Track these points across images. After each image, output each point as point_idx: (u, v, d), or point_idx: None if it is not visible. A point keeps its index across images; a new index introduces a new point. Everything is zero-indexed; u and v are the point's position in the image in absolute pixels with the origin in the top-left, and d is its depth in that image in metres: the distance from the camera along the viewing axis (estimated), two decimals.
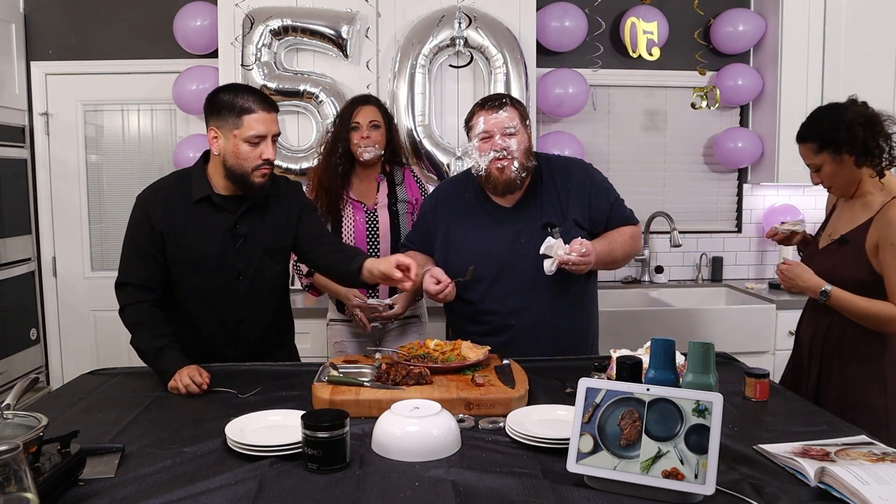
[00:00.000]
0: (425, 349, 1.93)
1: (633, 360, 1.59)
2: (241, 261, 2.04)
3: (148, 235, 1.99)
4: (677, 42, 3.67)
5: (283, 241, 2.11)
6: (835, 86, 3.51)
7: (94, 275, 3.71)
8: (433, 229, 2.25)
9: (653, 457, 1.23)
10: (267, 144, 1.96)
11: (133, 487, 1.27)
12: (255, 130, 1.93)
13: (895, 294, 1.90)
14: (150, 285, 2.00)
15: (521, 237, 2.12)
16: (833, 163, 2.01)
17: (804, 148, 2.05)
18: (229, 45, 3.27)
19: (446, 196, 2.28)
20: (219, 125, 1.95)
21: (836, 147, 1.99)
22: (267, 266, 2.09)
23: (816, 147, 2.01)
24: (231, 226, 2.02)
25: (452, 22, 3.22)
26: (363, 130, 2.46)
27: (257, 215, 2.06)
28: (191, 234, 2.00)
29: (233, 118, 1.93)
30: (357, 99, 2.56)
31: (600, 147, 3.79)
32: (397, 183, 2.57)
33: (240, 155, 1.94)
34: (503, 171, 2.08)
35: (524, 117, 2.14)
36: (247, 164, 1.95)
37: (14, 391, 1.38)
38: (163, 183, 2.09)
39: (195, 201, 2.00)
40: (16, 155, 3.48)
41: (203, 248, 2.00)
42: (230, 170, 1.97)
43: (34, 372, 3.54)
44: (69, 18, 3.58)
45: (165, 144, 3.68)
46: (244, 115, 1.92)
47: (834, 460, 1.31)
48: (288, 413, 1.58)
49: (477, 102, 2.17)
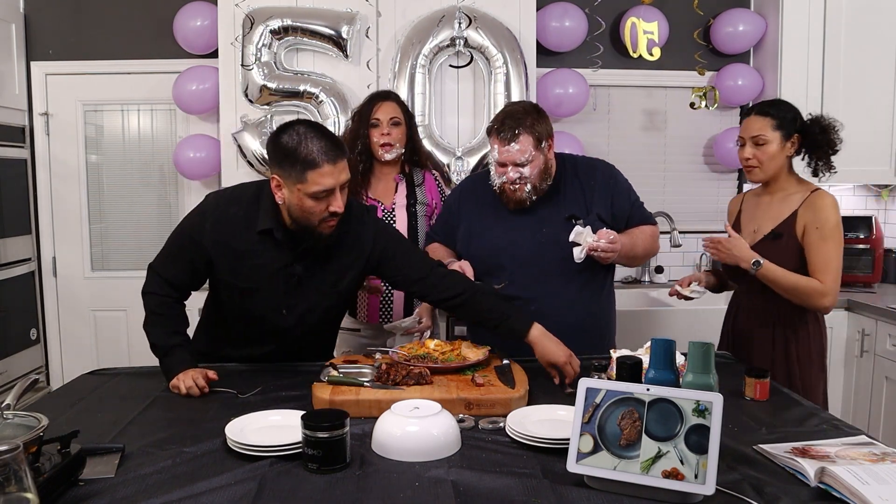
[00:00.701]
0: (425, 349, 1.93)
1: (633, 360, 1.59)
2: (291, 298, 1.93)
3: (195, 247, 1.91)
4: (677, 42, 3.67)
5: (338, 286, 1.97)
6: (835, 86, 3.52)
7: (94, 275, 3.71)
8: (456, 221, 2.29)
9: (653, 457, 1.23)
10: (336, 197, 1.77)
11: (133, 487, 1.27)
12: (321, 186, 1.73)
13: (817, 272, 2.07)
14: (179, 285, 1.98)
15: (544, 227, 2.16)
16: (779, 145, 2.15)
17: (760, 121, 2.16)
18: (229, 45, 3.27)
19: (471, 189, 2.32)
20: (282, 174, 1.77)
21: (789, 133, 2.15)
22: (319, 304, 1.97)
23: (774, 124, 2.14)
24: (288, 263, 1.89)
25: (452, 22, 3.22)
26: (383, 127, 2.40)
27: (320, 258, 1.92)
28: (243, 262, 1.89)
29: (295, 172, 1.73)
30: (377, 95, 2.49)
31: (600, 147, 3.78)
32: (417, 184, 2.52)
33: (305, 209, 1.77)
34: (515, 192, 2.13)
35: (540, 140, 2.08)
36: (313, 218, 1.79)
37: (14, 391, 1.37)
38: (232, 198, 1.94)
39: (258, 231, 1.87)
40: (16, 155, 3.48)
41: (251, 280, 1.90)
42: (296, 220, 1.82)
43: (34, 372, 3.54)
44: (69, 18, 3.58)
45: (165, 144, 3.69)
46: (308, 170, 1.72)
47: (834, 460, 1.31)
48: (288, 413, 1.57)
49: (495, 122, 2.12)
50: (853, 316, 3.35)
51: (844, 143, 3.49)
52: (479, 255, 2.20)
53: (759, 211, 2.25)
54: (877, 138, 3.55)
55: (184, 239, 1.95)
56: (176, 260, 1.96)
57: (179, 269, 1.96)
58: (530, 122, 2.07)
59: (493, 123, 2.13)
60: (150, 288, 1.97)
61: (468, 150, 3.32)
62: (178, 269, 1.96)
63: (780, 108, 2.18)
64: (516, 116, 2.08)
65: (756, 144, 2.16)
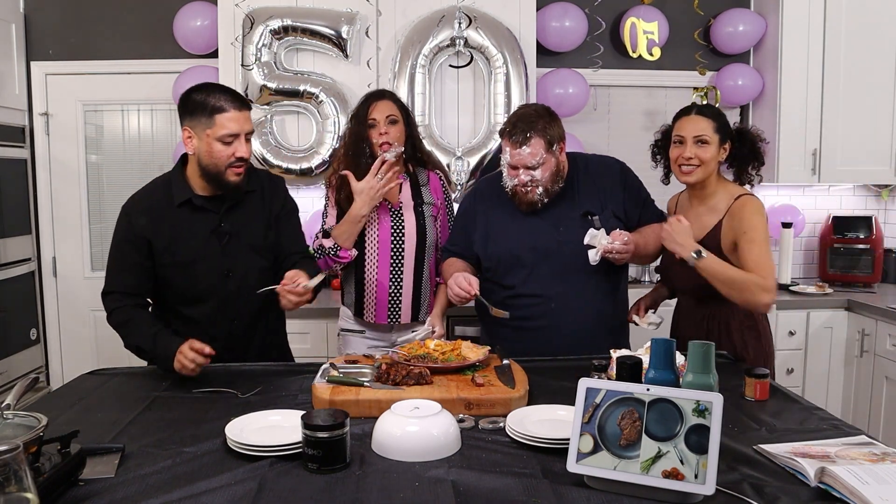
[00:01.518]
0: (425, 349, 1.93)
1: (633, 360, 1.59)
2: (229, 259, 2.06)
3: (133, 244, 2.01)
4: (677, 42, 3.67)
5: (268, 238, 2.13)
6: (835, 86, 3.52)
7: (94, 275, 3.71)
8: (473, 223, 2.29)
9: (653, 457, 1.23)
10: (240, 142, 1.97)
11: (133, 487, 1.27)
12: (227, 129, 1.95)
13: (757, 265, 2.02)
14: (136, 292, 2.03)
15: (560, 226, 2.18)
16: (717, 148, 2.14)
17: (703, 121, 2.14)
18: (229, 45, 3.27)
19: (486, 190, 2.33)
20: (192, 125, 1.97)
21: (724, 138, 2.16)
22: (254, 262, 2.11)
23: (715, 127, 2.14)
24: (216, 226, 2.04)
25: (452, 22, 3.22)
26: (381, 126, 2.38)
27: (240, 212, 2.08)
28: (176, 238, 2.02)
29: (205, 118, 1.95)
30: (371, 95, 2.46)
31: (600, 147, 3.78)
32: (422, 184, 2.50)
33: (213, 154, 1.96)
34: (527, 195, 2.14)
35: (551, 143, 2.10)
36: (220, 163, 1.97)
37: (14, 391, 1.37)
38: (145, 191, 2.10)
39: (177, 205, 2.02)
40: (16, 155, 3.48)
41: (189, 251, 2.02)
42: (205, 169, 1.99)
43: (34, 372, 3.54)
44: (69, 18, 3.58)
45: (165, 144, 3.69)
46: (216, 114, 1.94)
47: (834, 460, 1.31)
48: (288, 413, 1.57)
49: (507, 125, 2.14)
50: (853, 316, 3.35)
51: (845, 143, 3.55)
52: (497, 255, 2.22)
53: (689, 220, 2.17)
54: (877, 138, 3.55)
55: (120, 245, 2.04)
56: (122, 268, 2.02)
57: (129, 274, 2.02)
58: (542, 125, 2.09)
59: (506, 126, 2.13)
60: (110, 308, 2.03)
61: (468, 150, 3.32)
62: (125, 274, 2.02)
63: (717, 112, 2.18)
64: (528, 119, 2.09)
65: (697, 143, 2.12)
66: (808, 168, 3.57)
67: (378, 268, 2.43)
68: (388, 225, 2.42)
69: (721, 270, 2.03)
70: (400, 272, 2.43)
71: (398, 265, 2.42)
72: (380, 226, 2.42)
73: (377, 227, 2.42)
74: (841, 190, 3.94)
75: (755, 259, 2.02)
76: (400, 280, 2.43)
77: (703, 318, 2.20)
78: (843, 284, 3.69)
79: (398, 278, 2.43)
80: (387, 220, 2.43)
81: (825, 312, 3.39)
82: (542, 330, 2.17)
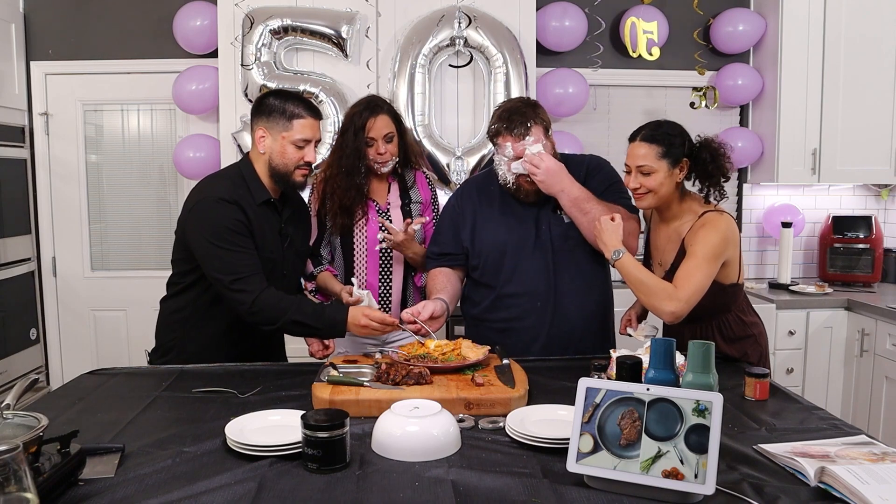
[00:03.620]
0: (425, 349, 1.93)
1: (633, 360, 1.59)
2: (287, 261, 2.18)
3: (247, 228, 2.02)
4: (677, 42, 3.67)
5: (306, 246, 2.31)
6: (835, 86, 3.52)
7: (94, 275, 3.71)
8: (461, 222, 2.29)
9: (653, 457, 1.23)
10: (311, 148, 2.09)
11: (133, 487, 1.27)
12: (302, 135, 2.06)
13: (680, 277, 1.95)
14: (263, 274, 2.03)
15: (543, 225, 2.20)
16: (666, 173, 2.01)
17: (645, 148, 2.02)
18: (229, 45, 3.27)
19: (472, 189, 2.34)
20: (268, 126, 2.07)
21: (677, 159, 2.01)
22: (299, 267, 2.29)
23: (660, 152, 2.00)
24: (280, 227, 2.16)
25: (452, 21, 3.22)
26: (379, 146, 2.34)
27: (294, 218, 2.22)
28: (260, 234, 2.08)
29: (283, 121, 2.05)
30: (368, 108, 2.36)
31: (600, 147, 3.78)
32: (409, 186, 2.49)
33: (286, 155, 2.06)
34: (532, 184, 2.15)
35: (547, 128, 2.17)
36: (290, 164, 2.07)
37: (14, 391, 1.37)
38: (228, 185, 2.06)
39: (259, 203, 2.08)
40: (16, 155, 3.48)
41: (269, 249, 2.10)
42: (274, 168, 2.08)
43: (34, 372, 3.54)
44: (69, 18, 3.58)
45: (165, 144, 3.69)
46: (294, 119, 2.05)
47: (834, 460, 1.31)
48: (288, 413, 1.57)
49: (502, 122, 2.14)
50: (853, 316, 3.35)
51: (844, 143, 3.55)
52: (483, 251, 2.23)
53: (660, 241, 2.15)
54: (877, 138, 3.55)
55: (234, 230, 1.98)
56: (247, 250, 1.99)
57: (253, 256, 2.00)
58: (535, 113, 2.14)
59: (501, 123, 2.14)
60: (251, 294, 1.94)
61: (468, 150, 3.32)
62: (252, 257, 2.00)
63: (666, 132, 2.03)
64: (521, 111, 2.13)
65: (642, 174, 2.03)
66: (808, 168, 3.57)
67: (367, 266, 2.43)
68: (375, 225, 2.42)
69: (634, 273, 2.00)
70: (389, 271, 2.44)
71: (387, 264, 2.44)
72: (368, 226, 2.42)
73: (366, 226, 2.42)
74: (841, 190, 3.94)
75: (684, 270, 1.96)
76: (389, 279, 2.44)
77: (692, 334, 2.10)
78: (842, 284, 3.70)
79: (387, 277, 2.44)
80: (375, 219, 2.42)
81: (825, 312, 3.39)
82: (527, 331, 2.17)
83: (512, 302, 2.20)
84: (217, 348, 2.12)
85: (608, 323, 2.31)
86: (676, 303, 1.93)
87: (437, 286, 2.24)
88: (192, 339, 2.13)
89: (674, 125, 2.06)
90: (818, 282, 3.72)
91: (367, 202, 2.41)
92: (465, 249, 2.27)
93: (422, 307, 2.05)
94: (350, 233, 2.41)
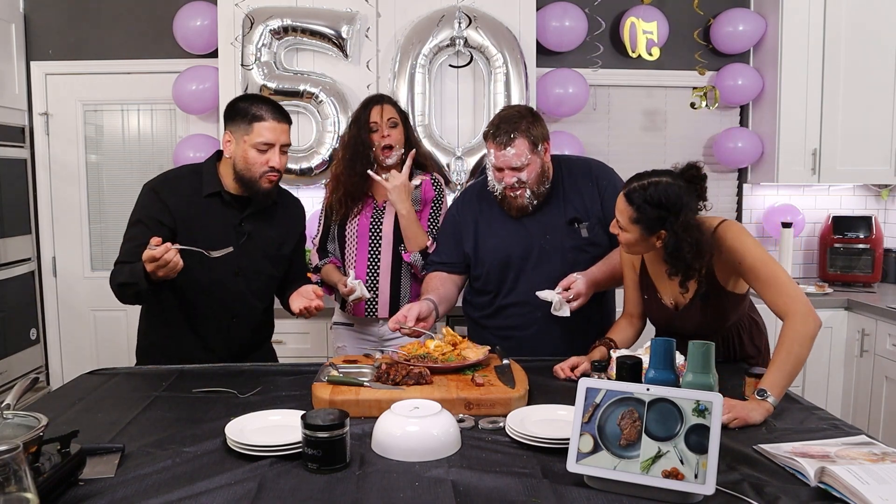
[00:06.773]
0: (425, 349, 1.93)
1: (632, 360, 1.59)
2: (243, 258, 2.10)
3: (157, 220, 2.03)
4: (677, 42, 3.67)
5: (282, 250, 2.22)
6: (835, 86, 3.52)
7: (94, 275, 3.71)
8: (462, 229, 2.28)
9: (653, 457, 1.23)
10: (274, 153, 2.05)
11: (133, 487, 1.27)
12: (263, 138, 2.03)
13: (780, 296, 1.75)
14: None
15: (547, 233, 2.17)
16: (640, 237, 1.82)
17: (623, 204, 1.80)
18: (229, 45, 3.27)
19: (472, 196, 2.32)
20: (232, 130, 2.07)
21: (651, 230, 1.80)
22: (264, 268, 2.19)
23: (634, 217, 1.79)
24: (237, 223, 2.11)
25: (452, 22, 3.22)
26: (382, 129, 2.39)
27: (262, 219, 2.16)
28: (199, 225, 2.06)
29: (244, 124, 2.04)
30: (370, 100, 2.47)
31: (600, 147, 3.79)
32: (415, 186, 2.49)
33: (248, 160, 2.04)
34: (516, 199, 2.15)
35: (535, 143, 2.09)
36: (254, 170, 2.05)
37: (14, 391, 1.37)
38: (173, 174, 2.18)
39: (206, 195, 2.08)
40: (16, 155, 3.48)
41: (209, 241, 2.03)
42: (239, 173, 2.07)
43: (34, 372, 3.54)
44: (69, 18, 3.58)
45: (165, 144, 3.69)
46: (255, 122, 2.03)
47: (834, 460, 1.31)
48: (288, 413, 1.58)
49: (490, 127, 2.12)
50: (853, 316, 3.35)
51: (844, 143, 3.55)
52: (485, 261, 2.22)
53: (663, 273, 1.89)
54: (877, 138, 3.55)
55: (144, 219, 2.05)
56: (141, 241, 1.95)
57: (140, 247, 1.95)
58: (525, 125, 2.08)
59: (489, 128, 2.13)
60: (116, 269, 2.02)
61: (468, 150, 3.32)
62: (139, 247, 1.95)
63: (646, 200, 1.76)
64: (511, 120, 2.08)
65: (619, 226, 1.85)
66: (808, 168, 3.57)
67: (356, 262, 2.47)
68: (367, 221, 2.46)
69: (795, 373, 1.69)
70: (377, 267, 2.46)
71: (375, 260, 2.46)
72: (359, 221, 2.47)
73: (357, 221, 2.47)
74: (841, 190, 3.94)
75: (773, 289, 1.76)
76: (377, 275, 2.46)
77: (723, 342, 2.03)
78: (842, 284, 3.70)
79: (375, 273, 2.46)
80: (367, 215, 2.47)
81: (825, 312, 3.39)
82: (528, 340, 2.16)
83: (513, 311, 2.20)
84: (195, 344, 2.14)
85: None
86: (805, 317, 1.71)
87: (429, 287, 2.25)
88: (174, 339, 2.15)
89: (662, 192, 1.76)
90: (818, 282, 3.72)
91: (366, 198, 2.44)
92: (467, 259, 2.27)
93: (407, 311, 2.04)
94: (343, 228, 2.49)
